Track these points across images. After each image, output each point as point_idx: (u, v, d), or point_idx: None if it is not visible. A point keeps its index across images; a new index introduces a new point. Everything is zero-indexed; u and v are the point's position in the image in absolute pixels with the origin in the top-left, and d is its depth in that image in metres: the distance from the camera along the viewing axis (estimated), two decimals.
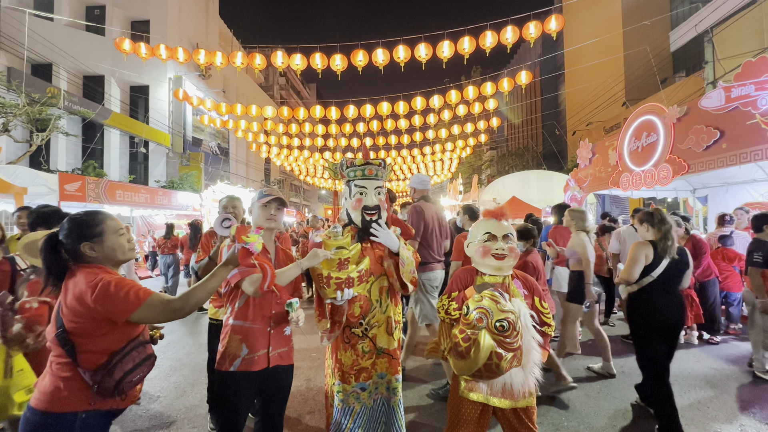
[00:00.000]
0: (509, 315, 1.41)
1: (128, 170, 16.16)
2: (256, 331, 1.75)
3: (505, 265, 1.69)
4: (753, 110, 4.90)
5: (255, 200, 1.89)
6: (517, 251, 1.74)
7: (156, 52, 7.53)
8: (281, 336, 1.83)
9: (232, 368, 1.70)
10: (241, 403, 1.73)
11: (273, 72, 34.37)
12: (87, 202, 8.42)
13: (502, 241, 1.71)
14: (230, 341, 1.74)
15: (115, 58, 14.18)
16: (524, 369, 1.52)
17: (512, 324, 1.40)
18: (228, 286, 1.75)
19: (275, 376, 1.80)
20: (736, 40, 11.41)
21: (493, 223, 1.78)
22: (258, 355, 1.74)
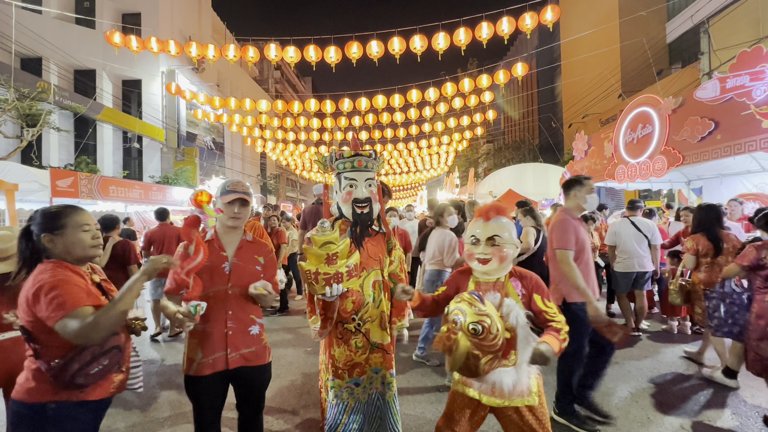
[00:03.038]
0: (484, 319, 1.38)
1: (122, 166, 16.00)
2: (211, 334, 1.69)
3: (489, 269, 1.65)
4: (747, 101, 4.90)
5: (218, 195, 1.80)
6: (506, 253, 1.64)
7: (147, 45, 7.41)
8: (244, 337, 1.75)
9: (190, 372, 1.69)
10: (204, 404, 1.73)
11: (268, 65, 34.02)
12: (80, 198, 8.33)
13: (486, 244, 1.65)
14: (189, 344, 1.72)
15: (106, 51, 13.95)
16: (518, 369, 1.49)
17: (486, 328, 1.37)
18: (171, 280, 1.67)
19: (244, 377, 1.76)
20: (731, 31, 11.38)
21: (479, 224, 1.71)
22: (213, 358, 1.68)
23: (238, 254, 1.79)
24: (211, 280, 1.71)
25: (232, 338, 1.71)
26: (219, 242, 1.79)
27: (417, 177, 22.41)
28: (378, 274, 2.08)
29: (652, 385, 3.22)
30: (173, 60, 16.56)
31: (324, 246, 1.82)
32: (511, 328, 1.50)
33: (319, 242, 1.82)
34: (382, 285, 2.11)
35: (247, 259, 1.80)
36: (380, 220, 2.18)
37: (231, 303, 1.72)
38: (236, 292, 1.74)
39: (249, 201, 1.81)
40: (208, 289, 1.69)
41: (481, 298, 1.47)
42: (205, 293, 1.68)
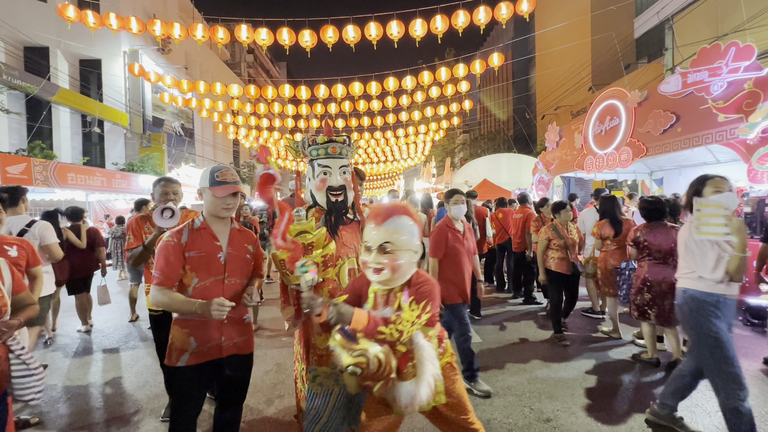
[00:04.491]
0: (360, 359, 1.28)
1: (81, 152, 15.00)
2: (207, 323, 1.68)
3: (381, 279, 1.46)
4: (706, 95, 5.16)
5: (206, 186, 1.74)
6: (398, 262, 1.44)
7: (105, 22, 6.89)
8: (238, 324, 1.78)
9: (179, 363, 1.66)
10: (191, 397, 1.70)
11: (239, 49, 32.61)
12: (34, 185, 7.79)
13: (377, 252, 1.45)
14: (176, 336, 1.69)
15: (60, 27, 12.88)
16: (417, 381, 1.42)
17: (365, 366, 1.28)
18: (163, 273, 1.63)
19: (231, 365, 1.76)
20: (693, 28, 11.91)
21: (370, 228, 1.50)
22: (208, 346, 1.69)
23: (231, 244, 1.78)
24: (207, 270, 1.70)
25: (227, 327, 1.72)
26: (210, 231, 1.76)
27: (394, 166, 22.39)
28: (353, 262, 2.06)
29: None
30: (136, 39, 15.56)
31: (299, 235, 1.78)
32: (407, 341, 1.43)
33: (293, 231, 1.78)
34: (358, 273, 2.09)
35: (239, 248, 1.81)
36: (355, 208, 2.15)
37: (227, 292, 1.71)
38: (231, 282, 1.74)
39: (240, 191, 1.77)
40: (205, 279, 1.69)
41: (352, 336, 1.36)
42: (202, 285, 1.68)
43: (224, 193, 1.71)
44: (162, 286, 1.64)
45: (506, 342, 4.01)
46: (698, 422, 2.52)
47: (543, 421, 2.55)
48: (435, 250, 2.94)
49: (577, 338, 4.06)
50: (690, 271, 2.27)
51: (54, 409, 2.84)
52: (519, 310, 5.20)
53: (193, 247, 1.70)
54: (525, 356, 3.62)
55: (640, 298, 3.34)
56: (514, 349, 3.82)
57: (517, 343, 3.96)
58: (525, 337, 4.12)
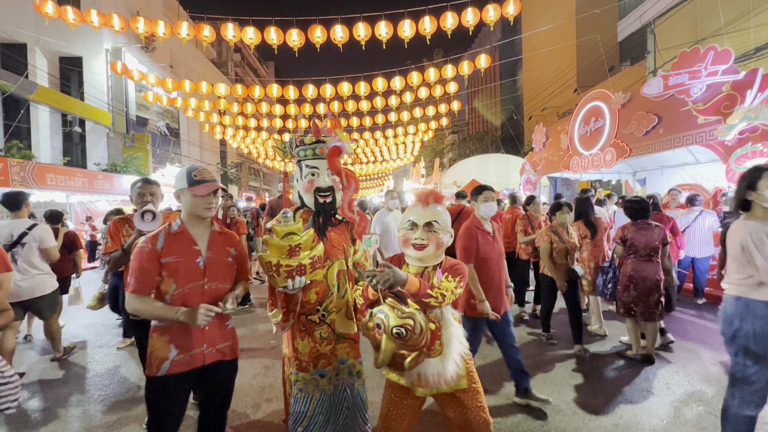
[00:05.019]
0: (407, 321, 1.36)
1: (62, 152, 14.58)
2: (188, 331, 1.63)
3: (424, 255, 1.60)
4: (686, 98, 5.30)
5: (184, 187, 1.67)
6: (441, 239, 1.61)
7: (86, 18, 6.69)
8: (221, 331, 1.73)
9: (160, 372, 1.60)
10: (171, 407, 1.65)
11: (226, 47, 32.19)
12: (11, 186, 7.53)
13: (423, 229, 1.60)
14: (156, 343, 1.63)
15: (39, 24, 12.49)
16: (443, 359, 1.52)
17: (410, 329, 1.36)
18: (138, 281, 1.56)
19: (215, 372, 1.72)
20: (674, 32, 12.24)
21: (417, 209, 1.66)
22: (190, 354, 1.64)
23: (210, 247, 1.72)
24: (186, 276, 1.63)
25: (209, 333, 1.68)
26: (188, 235, 1.69)
27: (383, 167, 22.39)
28: (342, 263, 2.04)
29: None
30: (119, 37, 15.21)
31: (286, 237, 1.75)
32: (436, 320, 1.52)
33: (281, 233, 1.75)
34: (347, 275, 2.08)
35: (220, 251, 1.74)
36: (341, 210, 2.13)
37: (207, 297, 1.65)
38: (212, 287, 1.68)
39: (221, 188, 1.74)
40: (183, 285, 1.62)
41: (403, 299, 1.46)
42: (181, 291, 1.62)
43: (205, 191, 1.66)
44: (137, 294, 1.58)
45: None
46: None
47: (532, 418, 2.57)
48: (466, 256, 2.59)
49: (564, 336, 4.12)
50: (746, 276, 1.92)
51: (33, 414, 2.74)
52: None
53: (170, 253, 1.62)
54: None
55: (626, 296, 3.42)
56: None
57: None
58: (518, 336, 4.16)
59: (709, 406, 2.69)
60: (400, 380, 1.65)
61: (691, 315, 4.74)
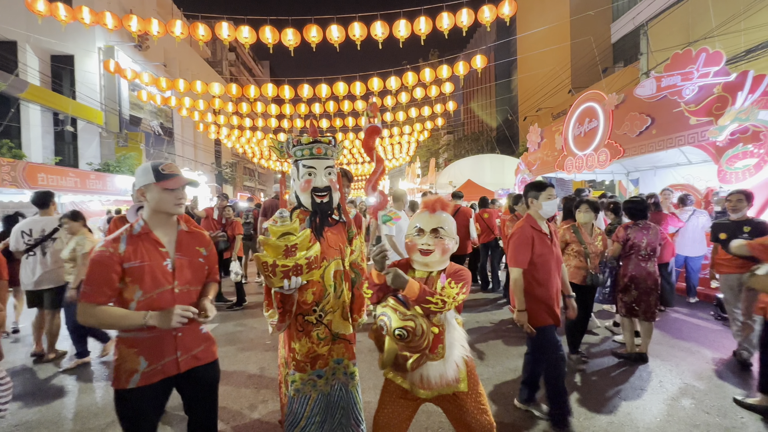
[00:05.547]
0: (408, 323, 1.40)
1: (53, 151, 14.38)
2: (158, 339, 1.52)
3: (430, 260, 1.63)
4: (678, 99, 5.36)
5: (151, 182, 1.57)
6: (447, 245, 1.65)
7: (78, 16, 6.62)
8: (194, 336, 1.63)
9: (130, 385, 1.49)
10: (144, 420, 1.54)
11: (221, 46, 31.99)
12: (1, 187, 7.43)
13: (430, 235, 1.64)
14: (123, 355, 1.50)
15: (30, 21, 12.34)
16: (445, 362, 1.55)
17: (411, 331, 1.40)
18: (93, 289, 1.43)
19: (194, 377, 1.63)
20: (666, 34, 12.39)
21: (424, 215, 1.69)
22: (162, 364, 1.53)
23: (179, 249, 1.62)
24: (153, 281, 1.52)
25: (183, 339, 1.58)
26: (153, 236, 1.57)
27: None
28: (339, 264, 2.04)
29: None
30: (112, 35, 15.03)
31: (282, 237, 1.73)
32: (439, 323, 1.56)
33: (277, 233, 1.73)
34: (344, 275, 2.07)
35: (189, 252, 1.65)
36: (340, 209, 2.13)
37: (177, 302, 1.55)
38: (183, 290, 1.59)
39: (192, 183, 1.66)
40: (150, 291, 1.51)
41: (405, 302, 1.49)
42: (148, 297, 1.51)
43: (177, 184, 1.58)
44: (91, 303, 1.42)
45: (491, 340, 4.05)
46: None
47: (528, 419, 2.58)
48: (518, 258, 2.36)
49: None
50: None
51: (23, 419, 2.70)
52: (505, 309, 5.27)
53: (134, 257, 1.50)
54: (512, 356, 3.66)
55: (628, 296, 3.41)
56: (500, 348, 3.87)
57: (503, 343, 4.01)
58: (512, 337, 4.18)
59: (701, 404, 2.73)
60: (403, 382, 1.65)
61: (684, 314, 4.79)
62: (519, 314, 2.36)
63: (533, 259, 2.36)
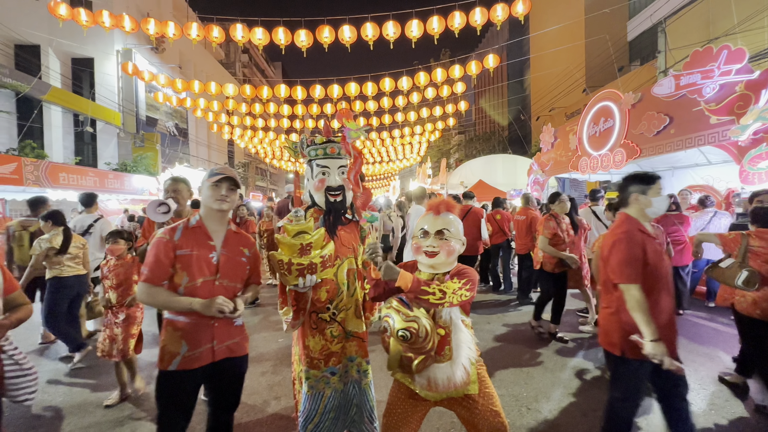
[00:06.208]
0: (411, 325, 1.40)
1: (74, 152, 14.81)
2: (198, 326, 1.65)
3: (435, 262, 1.63)
4: (698, 98, 5.22)
5: (204, 179, 1.76)
6: (453, 247, 1.63)
7: (98, 20, 6.81)
8: (229, 328, 1.74)
9: (171, 367, 1.62)
10: (180, 402, 1.66)
11: (234, 48, 32.45)
12: (25, 185, 7.67)
13: (435, 237, 1.63)
14: (168, 338, 1.65)
15: (52, 25, 12.67)
16: (452, 364, 1.53)
17: (415, 333, 1.39)
18: (151, 271, 1.60)
19: (224, 368, 1.73)
20: (685, 31, 12.07)
21: (429, 217, 1.69)
22: (200, 351, 1.65)
23: (225, 245, 1.75)
24: (198, 270, 1.66)
25: (218, 330, 1.69)
26: (204, 230, 1.73)
27: (390, 167, 22.40)
28: (352, 262, 2.05)
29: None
30: (129, 38, 15.42)
31: (297, 236, 1.76)
32: (445, 325, 1.55)
33: (292, 232, 1.76)
34: (357, 273, 2.09)
35: (233, 250, 1.77)
36: (353, 208, 2.14)
37: (217, 294, 1.65)
38: (223, 284, 1.70)
39: (237, 185, 1.77)
40: (195, 279, 1.64)
41: (408, 303, 1.48)
42: (192, 285, 1.64)
43: (216, 179, 1.70)
44: (149, 283, 1.60)
45: (502, 342, 4.02)
46: None
47: (540, 421, 2.56)
48: (628, 271, 1.83)
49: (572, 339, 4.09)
50: None
51: (47, 410, 2.79)
52: (516, 310, 5.22)
53: (186, 245, 1.66)
54: (522, 356, 3.63)
55: None
56: (510, 349, 3.84)
57: (513, 344, 3.98)
58: (521, 338, 4.14)
59: (721, 411, 2.65)
60: (411, 384, 1.64)
61: (703, 318, 4.67)
62: (653, 346, 1.73)
63: (646, 270, 1.85)
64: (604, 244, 2.00)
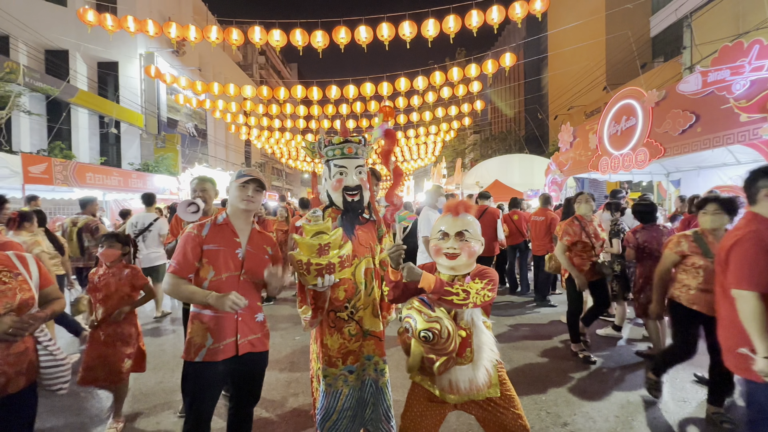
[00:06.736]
0: (434, 325, 1.38)
1: (99, 152, 15.38)
2: (222, 320, 1.71)
3: (456, 264, 1.61)
4: (727, 95, 5.02)
5: (233, 180, 1.83)
6: (473, 248, 1.60)
7: (123, 25, 7.05)
8: (251, 323, 1.80)
9: (197, 358, 1.69)
10: (206, 393, 1.72)
11: (252, 50, 33.00)
12: (54, 185, 8.00)
13: (455, 239, 1.60)
14: (195, 330, 1.72)
15: (80, 31, 13.23)
16: (474, 366, 1.52)
17: (437, 333, 1.37)
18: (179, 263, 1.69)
19: (246, 363, 1.78)
20: (713, 26, 11.61)
21: (448, 219, 1.66)
22: (224, 344, 1.71)
23: (250, 242, 1.82)
24: (224, 265, 1.73)
25: (242, 324, 1.75)
26: (231, 227, 1.81)
27: (404, 167, 22.37)
28: (369, 262, 2.07)
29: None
30: (152, 42, 15.88)
31: (316, 236, 1.78)
32: (466, 327, 1.53)
33: (310, 232, 1.78)
34: (374, 273, 2.10)
35: (258, 248, 1.84)
36: (371, 208, 2.15)
37: (241, 289, 1.72)
38: (247, 279, 1.77)
39: (263, 186, 1.84)
40: (220, 273, 1.72)
41: (430, 304, 1.47)
42: (218, 279, 1.71)
43: (243, 180, 1.77)
44: (175, 275, 1.68)
45: (521, 345, 3.96)
46: None
47: (560, 425, 2.51)
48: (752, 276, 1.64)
49: (590, 342, 3.99)
50: None
51: (70, 401, 2.91)
52: (534, 312, 5.14)
53: (213, 241, 1.74)
54: (540, 359, 3.57)
55: (644, 296, 3.46)
56: (528, 351, 3.78)
57: (531, 346, 3.92)
58: (540, 340, 4.07)
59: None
60: (431, 387, 1.63)
61: None
62: (762, 362, 1.54)
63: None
64: (723, 245, 1.79)
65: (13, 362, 1.42)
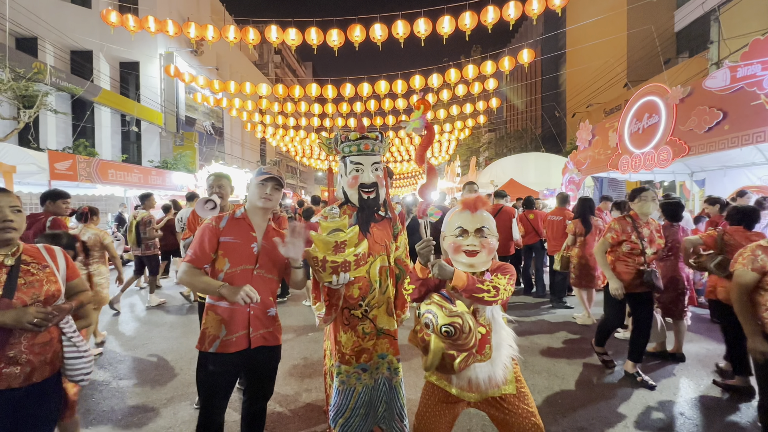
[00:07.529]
0: (456, 320, 1.35)
1: (120, 149, 15.84)
2: (235, 312, 1.72)
3: (477, 261, 1.58)
4: (758, 90, 4.81)
5: (253, 177, 1.85)
6: (492, 245, 1.59)
7: (144, 25, 7.22)
8: (264, 317, 1.80)
9: (211, 349, 1.71)
10: (219, 384, 1.75)
11: (268, 49, 33.38)
12: (78, 181, 8.26)
13: (474, 235, 1.57)
14: (210, 321, 1.74)
15: (103, 32, 13.67)
16: (493, 363, 1.50)
17: (459, 328, 1.35)
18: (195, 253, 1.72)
19: (259, 356, 1.79)
20: (742, 20, 11.15)
21: (466, 215, 1.62)
22: (237, 336, 1.72)
23: (265, 237, 1.83)
24: (240, 258, 1.75)
25: (253, 318, 1.76)
26: (248, 221, 1.83)
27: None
28: (384, 259, 2.06)
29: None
30: (171, 42, 16.25)
31: (332, 233, 1.78)
32: (486, 323, 1.50)
33: (327, 229, 1.78)
34: (389, 271, 2.09)
35: (272, 244, 1.84)
36: (386, 205, 2.14)
37: (254, 283, 1.73)
38: (260, 274, 1.79)
39: (282, 185, 1.85)
40: (235, 266, 1.74)
41: (450, 299, 1.45)
42: (232, 271, 1.73)
43: (262, 178, 1.79)
44: (190, 264, 1.71)
45: (537, 348, 3.89)
46: None
47: (576, 429, 2.45)
48: None
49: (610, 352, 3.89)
50: None
51: (89, 393, 3.00)
52: (550, 313, 5.04)
53: (230, 233, 1.77)
54: (556, 361, 3.50)
55: (666, 297, 3.49)
56: (544, 353, 3.71)
57: (547, 348, 3.85)
58: (556, 342, 3.99)
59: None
60: (447, 386, 1.61)
61: None
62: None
63: None
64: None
65: (39, 352, 1.46)
